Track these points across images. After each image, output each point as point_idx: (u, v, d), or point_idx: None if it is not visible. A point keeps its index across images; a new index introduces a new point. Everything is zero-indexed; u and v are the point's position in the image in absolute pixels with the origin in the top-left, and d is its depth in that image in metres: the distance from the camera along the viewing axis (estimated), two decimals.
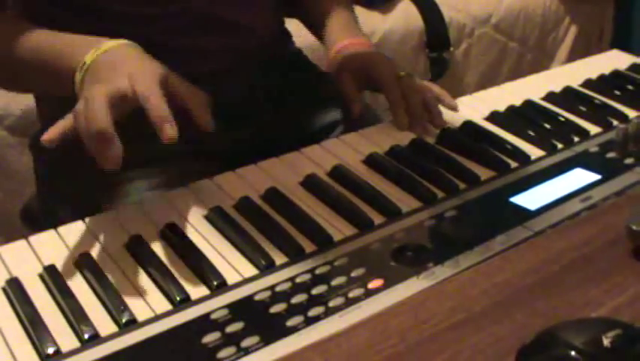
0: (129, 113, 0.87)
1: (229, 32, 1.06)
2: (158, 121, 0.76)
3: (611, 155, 0.94)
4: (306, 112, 1.14)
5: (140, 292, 0.73)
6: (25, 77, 0.98)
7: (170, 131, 0.75)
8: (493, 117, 1.05)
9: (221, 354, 0.65)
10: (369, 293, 0.71)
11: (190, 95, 0.86)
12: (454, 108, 1.06)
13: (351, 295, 0.71)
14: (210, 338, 0.66)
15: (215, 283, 0.73)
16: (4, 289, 0.74)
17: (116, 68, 0.82)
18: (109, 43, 0.86)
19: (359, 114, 1.06)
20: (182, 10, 1.00)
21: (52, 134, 0.77)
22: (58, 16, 1.00)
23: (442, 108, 1.05)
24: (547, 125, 1.03)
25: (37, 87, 1.07)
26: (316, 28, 1.18)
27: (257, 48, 1.10)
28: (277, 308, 0.70)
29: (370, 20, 2.00)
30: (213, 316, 0.69)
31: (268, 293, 0.72)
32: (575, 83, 1.15)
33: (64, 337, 0.68)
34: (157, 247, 0.79)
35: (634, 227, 0.70)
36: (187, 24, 1.01)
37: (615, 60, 1.23)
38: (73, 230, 0.82)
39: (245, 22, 1.07)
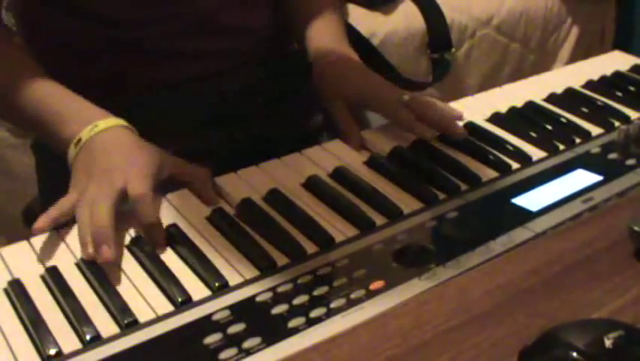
0: (128, 115, 0.88)
1: (228, 34, 1.06)
2: (146, 228, 0.79)
3: (612, 156, 0.94)
4: (306, 112, 1.14)
5: (141, 294, 0.73)
6: (18, 122, 1.00)
7: (157, 237, 0.79)
8: (495, 118, 1.05)
9: (223, 355, 0.65)
10: (370, 294, 0.71)
11: (191, 174, 0.88)
12: (459, 118, 1.02)
13: (352, 296, 0.71)
14: (212, 339, 0.66)
15: (216, 284, 0.73)
16: (6, 291, 0.74)
17: (111, 159, 0.83)
18: (105, 123, 0.87)
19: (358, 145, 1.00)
20: (181, 14, 1.00)
21: (44, 223, 0.79)
22: (56, 19, 1.00)
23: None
24: (549, 127, 1.02)
25: (28, 132, 1.09)
26: (299, 35, 1.14)
27: (256, 49, 1.10)
28: (279, 309, 0.70)
29: (372, 21, 2.00)
30: (215, 317, 0.69)
31: (270, 294, 0.72)
32: (577, 84, 1.15)
33: (66, 338, 0.68)
34: (158, 248, 0.79)
35: (636, 228, 0.70)
36: (186, 27, 1.02)
37: (617, 61, 1.23)
38: (75, 232, 0.82)
39: (244, 25, 1.07)
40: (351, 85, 1.03)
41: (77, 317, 0.69)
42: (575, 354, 0.55)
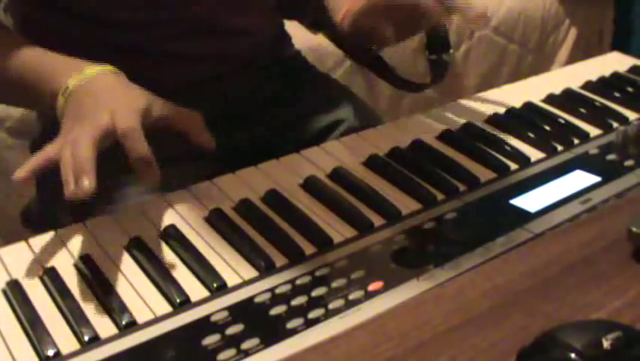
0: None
1: (228, 37, 1.06)
2: (136, 163, 0.77)
3: (611, 157, 0.94)
4: (306, 113, 1.14)
5: (140, 294, 0.73)
6: (6, 94, 0.98)
7: (149, 172, 0.77)
8: (494, 119, 1.05)
9: (222, 356, 0.65)
10: (369, 295, 0.71)
11: (183, 118, 0.86)
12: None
13: (351, 297, 0.71)
14: (210, 340, 0.66)
15: (215, 285, 0.73)
16: (4, 291, 0.74)
17: (98, 100, 0.81)
18: (92, 69, 0.85)
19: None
20: (180, 17, 1.00)
21: (25, 172, 0.77)
22: (56, 21, 1.00)
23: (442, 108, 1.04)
24: (547, 127, 1.03)
25: (18, 104, 1.07)
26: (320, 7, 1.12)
27: (256, 52, 1.10)
28: (277, 310, 0.70)
29: None
30: (213, 318, 0.69)
31: (268, 295, 0.72)
32: (575, 85, 1.15)
33: (64, 339, 0.68)
34: (157, 249, 0.79)
35: (634, 229, 0.70)
36: (185, 30, 1.01)
37: (615, 62, 1.23)
38: (74, 232, 0.82)
39: (243, 28, 1.07)
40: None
41: (76, 318, 0.69)
42: (573, 355, 0.55)
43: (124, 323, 0.69)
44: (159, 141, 0.90)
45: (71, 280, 0.75)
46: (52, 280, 0.74)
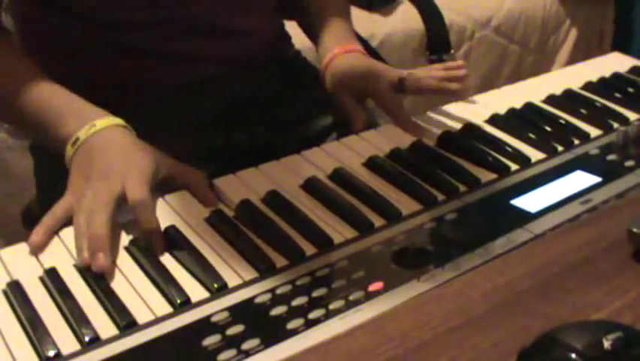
0: (129, 117, 0.88)
1: (228, 38, 1.06)
2: (145, 234, 0.79)
3: (611, 157, 0.94)
4: (306, 114, 1.14)
5: (140, 295, 0.73)
6: (19, 124, 1.00)
7: (156, 243, 0.79)
8: (494, 120, 1.05)
9: (222, 357, 0.65)
10: (369, 296, 0.71)
11: (188, 177, 0.88)
12: (461, 78, 1.05)
13: (351, 297, 0.71)
14: (211, 340, 0.66)
15: (215, 285, 0.73)
16: (4, 292, 0.74)
17: (108, 161, 0.83)
18: (103, 122, 0.87)
19: (362, 129, 1.04)
20: (180, 17, 1.00)
21: (40, 236, 0.80)
22: (56, 22, 1.00)
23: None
24: (548, 128, 1.03)
25: (29, 134, 1.09)
26: (311, 33, 1.18)
27: (256, 52, 1.10)
28: (277, 311, 0.70)
29: (371, 23, 2.00)
30: (214, 318, 0.69)
31: (269, 296, 0.72)
32: (576, 85, 1.15)
33: (65, 340, 0.68)
34: (157, 253, 0.79)
35: (635, 230, 0.70)
36: (185, 30, 1.02)
37: (616, 62, 1.23)
38: (74, 233, 0.82)
39: (243, 28, 1.07)
40: (354, 78, 1.07)
41: (76, 319, 0.69)
42: (573, 355, 0.55)
43: (124, 323, 0.69)
44: (160, 141, 0.90)
45: (72, 281, 0.75)
46: (52, 280, 0.74)
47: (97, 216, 0.78)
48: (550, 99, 1.11)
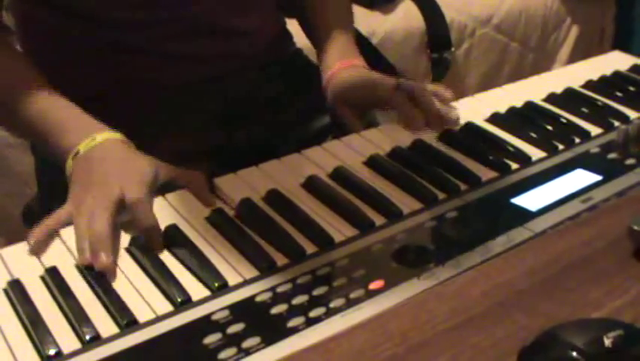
0: (129, 117, 0.88)
1: (228, 37, 1.06)
2: (145, 233, 0.79)
3: (612, 156, 0.94)
4: (306, 113, 1.14)
5: (141, 294, 0.73)
6: (20, 133, 1.02)
7: (156, 242, 0.79)
8: (494, 118, 1.05)
9: (222, 355, 0.65)
10: (370, 294, 0.71)
11: (187, 179, 0.88)
12: (449, 100, 1.05)
13: (352, 296, 0.71)
14: (211, 339, 0.66)
15: (216, 284, 0.73)
16: (5, 291, 0.74)
17: (107, 170, 0.84)
18: (102, 135, 0.88)
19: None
20: (179, 16, 1.00)
21: (40, 234, 0.80)
22: (56, 22, 1.00)
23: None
24: (549, 127, 1.03)
25: (25, 139, 1.11)
26: (313, 42, 1.18)
27: (256, 52, 1.10)
28: (278, 309, 0.70)
29: (371, 21, 2.00)
30: (214, 317, 0.69)
31: (269, 294, 0.72)
32: (576, 84, 1.15)
33: (66, 338, 0.68)
34: (157, 253, 0.79)
35: (635, 228, 0.70)
36: (185, 30, 1.02)
37: (616, 61, 1.23)
38: (75, 236, 0.82)
39: (243, 27, 1.07)
40: (354, 91, 1.07)
41: (77, 317, 0.69)
42: (574, 354, 0.55)
43: (125, 322, 0.69)
44: (162, 140, 0.90)
45: (72, 280, 0.75)
46: (53, 279, 0.74)
47: (98, 217, 0.78)
48: (551, 98, 1.11)
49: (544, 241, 0.77)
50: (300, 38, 1.24)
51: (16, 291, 0.73)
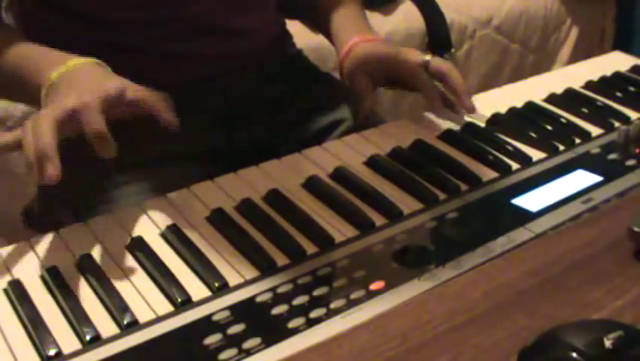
0: (124, 117, 0.88)
1: (228, 37, 1.06)
2: (91, 137, 0.78)
3: (612, 156, 0.94)
4: (307, 113, 1.14)
5: (141, 294, 0.73)
6: (2, 88, 1.00)
7: (105, 146, 0.78)
8: (495, 119, 1.05)
9: (223, 356, 0.65)
10: (370, 295, 0.71)
11: (150, 98, 0.86)
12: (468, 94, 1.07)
13: (352, 296, 0.71)
14: (212, 339, 0.66)
15: (216, 284, 0.73)
16: (5, 291, 0.74)
17: (71, 86, 0.83)
18: (74, 61, 0.87)
19: (367, 112, 1.05)
20: (179, 16, 1.00)
21: None
22: (56, 22, 1.00)
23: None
24: (549, 127, 1.03)
25: (15, 99, 1.10)
26: (324, 27, 1.17)
27: (256, 52, 1.10)
28: (279, 310, 0.70)
29: (372, 21, 1.97)
30: (215, 317, 0.69)
31: (270, 295, 0.72)
32: (577, 84, 1.15)
33: (66, 338, 0.68)
34: (158, 249, 0.79)
35: (636, 228, 0.70)
36: (185, 29, 1.02)
37: (617, 62, 1.23)
38: (75, 232, 0.82)
39: (243, 27, 1.07)
40: (377, 63, 1.07)
41: (77, 318, 0.69)
42: (574, 354, 0.55)
43: (125, 322, 0.69)
44: (162, 140, 0.90)
45: (73, 280, 0.75)
46: (53, 279, 0.74)
47: (42, 125, 0.76)
48: (552, 98, 1.11)
49: (545, 242, 0.77)
50: (300, 39, 1.24)
51: (17, 291, 0.73)
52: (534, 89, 1.13)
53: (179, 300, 0.71)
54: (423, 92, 1.05)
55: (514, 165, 0.94)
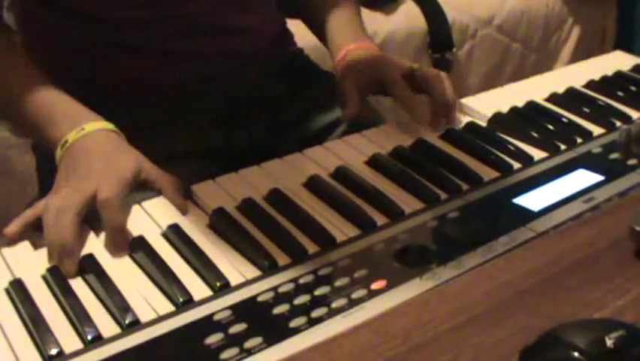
0: (129, 116, 0.88)
1: (228, 36, 1.06)
2: (109, 232, 0.80)
3: (614, 156, 0.94)
4: (308, 112, 1.14)
5: (142, 294, 0.73)
6: (16, 124, 1.03)
7: (119, 244, 0.79)
8: (496, 118, 1.05)
9: (224, 355, 0.65)
10: (372, 294, 0.71)
11: (162, 181, 0.87)
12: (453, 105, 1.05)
13: (354, 296, 0.71)
14: (213, 339, 0.66)
15: (218, 284, 0.73)
16: (7, 291, 0.74)
17: (90, 163, 0.84)
18: (92, 126, 0.88)
19: (351, 118, 1.04)
20: (179, 15, 1.00)
21: (16, 228, 0.81)
22: (56, 21, 1.00)
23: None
24: (550, 126, 1.02)
25: (26, 134, 1.11)
26: (320, 31, 1.17)
27: (256, 51, 1.10)
28: (280, 309, 0.70)
29: (373, 21, 2.00)
30: (216, 317, 0.69)
31: (271, 294, 0.72)
32: (578, 84, 1.15)
33: (67, 338, 0.68)
34: (160, 249, 0.79)
35: (637, 228, 0.70)
36: (185, 28, 1.02)
37: (618, 61, 1.23)
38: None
39: (243, 26, 1.07)
40: (366, 67, 1.07)
41: (78, 317, 0.69)
42: (576, 354, 0.55)
43: (127, 322, 0.69)
44: (162, 140, 0.90)
45: (74, 280, 0.75)
46: (54, 279, 0.74)
47: (64, 217, 0.78)
48: (553, 98, 1.11)
49: (546, 241, 0.77)
50: (300, 38, 1.24)
51: (18, 291, 0.73)
52: (535, 89, 1.13)
53: (181, 300, 0.71)
54: (397, 101, 1.04)
55: (516, 165, 0.94)
